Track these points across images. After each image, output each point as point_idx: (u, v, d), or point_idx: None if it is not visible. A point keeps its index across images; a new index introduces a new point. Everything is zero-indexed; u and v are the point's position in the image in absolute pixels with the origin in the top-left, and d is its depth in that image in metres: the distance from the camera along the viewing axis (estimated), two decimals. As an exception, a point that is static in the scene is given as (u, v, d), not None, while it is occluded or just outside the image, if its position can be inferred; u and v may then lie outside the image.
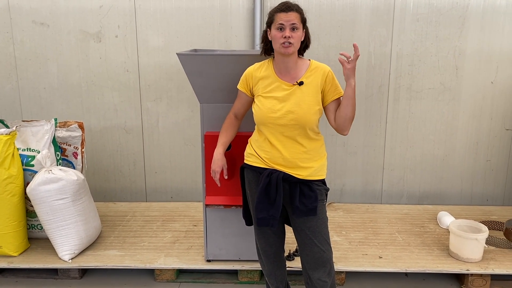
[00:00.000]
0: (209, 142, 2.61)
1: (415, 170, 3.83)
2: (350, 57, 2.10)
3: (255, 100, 2.25)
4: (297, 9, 2.10)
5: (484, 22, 3.55)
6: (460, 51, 3.60)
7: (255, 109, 2.23)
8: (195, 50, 2.92)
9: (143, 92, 3.70)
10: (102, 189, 3.89)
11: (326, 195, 2.31)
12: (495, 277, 2.89)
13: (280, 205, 2.18)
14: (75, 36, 3.60)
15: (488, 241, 3.03)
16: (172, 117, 3.74)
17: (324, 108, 2.22)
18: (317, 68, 2.19)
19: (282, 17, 2.08)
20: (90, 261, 2.88)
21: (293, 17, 2.07)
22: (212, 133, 2.63)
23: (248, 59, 2.44)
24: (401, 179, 3.85)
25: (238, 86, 2.32)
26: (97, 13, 3.55)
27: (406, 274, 3.04)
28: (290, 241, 3.12)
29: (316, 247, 2.22)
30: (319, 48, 3.57)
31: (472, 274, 2.82)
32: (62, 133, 3.20)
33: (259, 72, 2.24)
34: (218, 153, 2.35)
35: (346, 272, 2.89)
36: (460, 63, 3.62)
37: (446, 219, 3.38)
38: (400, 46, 3.59)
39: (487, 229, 2.89)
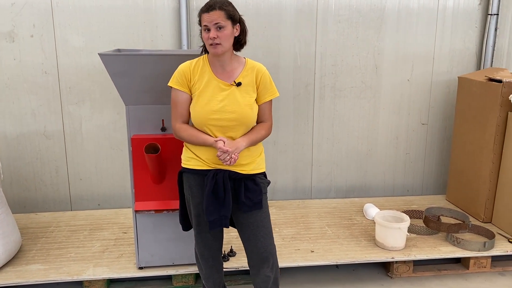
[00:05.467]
0: (137, 145, 2.53)
1: (341, 165, 3.99)
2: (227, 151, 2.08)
3: (193, 100, 2.17)
4: (220, 6, 2.04)
5: (399, 23, 3.77)
6: (379, 51, 3.80)
7: (194, 110, 2.16)
8: (119, 50, 2.81)
9: (64, 95, 3.50)
10: (22, 200, 3.63)
11: (267, 187, 2.32)
12: (417, 263, 3.09)
13: (230, 203, 2.16)
14: (-16, 36, 3.33)
15: (410, 229, 3.23)
16: (96, 121, 3.58)
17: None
18: (253, 67, 2.20)
19: (205, 18, 2.05)
20: (10, 278, 2.68)
21: (215, 16, 2.03)
22: (140, 136, 2.55)
23: (174, 59, 2.39)
24: (328, 174, 3.99)
25: (175, 86, 2.17)
26: (8, 10, 3.31)
27: (337, 266, 3.15)
28: (225, 241, 3.12)
29: (260, 242, 2.24)
30: (246, 48, 3.58)
31: (396, 262, 3.00)
32: (-28, 141, 2.94)
33: (197, 69, 2.17)
34: (212, 139, 2.13)
35: (280, 268, 2.94)
36: (379, 62, 3.82)
37: (372, 210, 3.55)
38: (324, 46, 3.71)
39: (408, 218, 3.08)
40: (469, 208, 3.63)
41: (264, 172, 2.31)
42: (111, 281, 2.88)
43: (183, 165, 2.27)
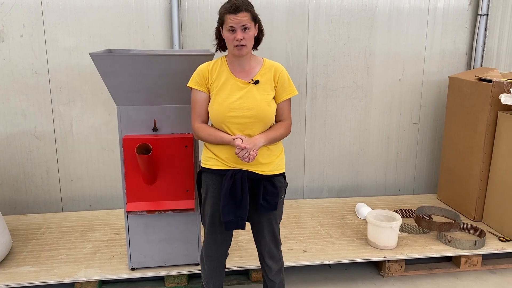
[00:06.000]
0: (128, 146, 2.52)
1: (334, 165, 4.00)
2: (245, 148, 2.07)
3: (211, 99, 2.19)
4: (246, 8, 2.06)
5: (390, 23, 3.79)
6: (370, 51, 3.81)
7: (212, 108, 2.17)
8: (110, 50, 2.80)
9: (54, 95, 3.47)
10: (12, 201, 3.60)
11: (285, 190, 2.34)
12: (408, 261, 3.10)
13: (247, 205, 2.17)
14: (-28, 36, 3.29)
15: (402, 228, 3.25)
16: (87, 121, 3.55)
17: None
18: (271, 66, 2.22)
19: (232, 19, 2.05)
20: (0, 280, 2.65)
21: (243, 18, 2.05)
22: (131, 137, 2.54)
23: (166, 59, 2.39)
24: (321, 174, 4.00)
25: (194, 86, 2.20)
26: (-3, 10, 3.28)
27: (329, 265, 3.16)
28: (217, 242, 3.10)
29: (264, 240, 2.31)
30: (238, 48, 3.59)
31: (388, 261, 3.01)
32: (-39, 142, 2.90)
33: (215, 69, 2.19)
34: (229, 137, 2.14)
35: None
36: (370, 62, 3.84)
37: (364, 210, 3.57)
38: (316, 46, 3.72)
39: (400, 217, 3.10)
40: (460, 207, 3.66)
41: (283, 173, 2.31)
42: (103, 282, 2.86)
43: (202, 165, 2.28)
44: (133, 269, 2.77)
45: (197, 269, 2.79)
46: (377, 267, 3.14)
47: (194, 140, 2.59)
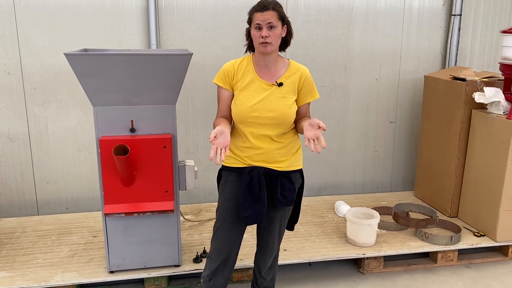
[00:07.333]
0: (105, 147, 2.48)
1: (313, 164, 4.03)
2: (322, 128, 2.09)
3: (235, 96, 2.22)
4: (273, 7, 2.11)
5: (367, 23, 3.84)
6: (347, 51, 3.85)
7: (234, 107, 2.21)
8: (86, 50, 2.75)
9: (28, 96, 3.39)
10: (-15, 205, 3.51)
11: (298, 189, 2.35)
12: (387, 258, 3.15)
13: (265, 200, 2.20)
14: None
15: (380, 226, 3.29)
16: (63, 122, 3.49)
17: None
18: (297, 69, 2.24)
19: (258, 17, 2.09)
20: (-27, 287, 2.59)
21: (269, 16, 2.09)
22: (108, 138, 2.50)
23: (143, 59, 2.36)
24: (300, 173, 4.02)
25: (219, 83, 2.24)
26: (-33, 9, 3.18)
27: (309, 263, 3.18)
28: (198, 242, 3.10)
29: (271, 234, 2.35)
30: (217, 48, 3.58)
31: (367, 258, 3.05)
32: None
33: (240, 69, 2.22)
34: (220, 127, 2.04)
35: (253, 268, 2.94)
36: (348, 62, 3.88)
37: (343, 207, 3.60)
38: (294, 46, 3.73)
39: (378, 214, 3.14)
40: (437, 203, 3.73)
41: (301, 169, 2.33)
42: (81, 286, 2.81)
43: (222, 163, 2.31)
44: (111, 272, 2.73)
45: (177, 271, 2.77)
46: (357, 264, 3.17)
47: (172, 140, 2.57)
